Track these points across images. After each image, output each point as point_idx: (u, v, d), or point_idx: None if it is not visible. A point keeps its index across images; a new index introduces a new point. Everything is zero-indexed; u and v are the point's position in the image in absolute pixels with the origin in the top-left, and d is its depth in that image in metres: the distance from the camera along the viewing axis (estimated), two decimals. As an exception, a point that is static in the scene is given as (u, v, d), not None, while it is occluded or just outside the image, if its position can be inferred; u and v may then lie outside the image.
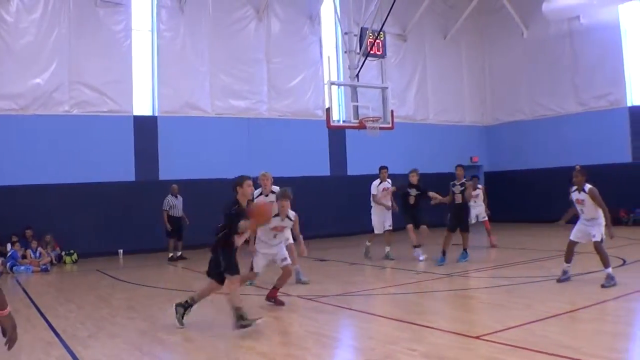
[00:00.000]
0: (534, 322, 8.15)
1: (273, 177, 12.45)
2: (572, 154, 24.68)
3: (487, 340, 7.30)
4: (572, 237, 11.34)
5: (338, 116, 21.93)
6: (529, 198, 26.16)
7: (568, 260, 11.30)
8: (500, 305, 9.79)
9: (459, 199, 14.78)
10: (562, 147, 25.87)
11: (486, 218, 18.25)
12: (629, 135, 24.07)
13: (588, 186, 11.11)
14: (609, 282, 10.57)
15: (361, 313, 9.49)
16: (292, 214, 10.31)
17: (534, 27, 27.22)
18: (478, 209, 18.09)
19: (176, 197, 18.03)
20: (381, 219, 15.83)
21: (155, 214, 18.15)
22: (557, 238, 18.63)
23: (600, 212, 10.92)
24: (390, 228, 15.84)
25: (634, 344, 7.53)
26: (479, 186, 18.68)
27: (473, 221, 17.47)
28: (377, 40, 19.96)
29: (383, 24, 19.79)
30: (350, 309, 9.73)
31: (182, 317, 8.70)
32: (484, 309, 9.70)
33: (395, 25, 25.61)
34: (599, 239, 10.88)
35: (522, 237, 20.47)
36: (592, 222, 11.09)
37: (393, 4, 18.93)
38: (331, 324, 8.98)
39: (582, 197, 11.09)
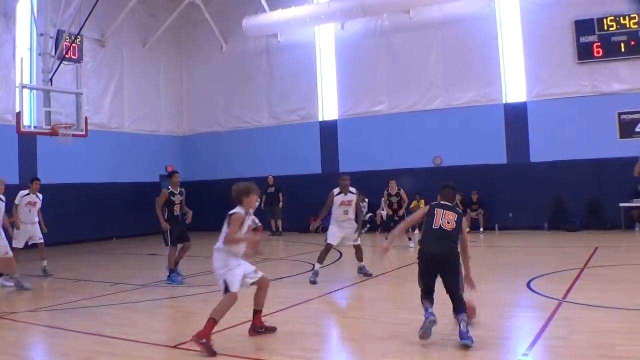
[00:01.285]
0: (230, 327, 8.39)
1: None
2: (265, 165, 25.91)
3: (185, 349, 7.43)
4: (332, 241, 12.66)
5: (29, 121, 20.81)
6: (224, 208, 26.72)
7: (321, 261, 12.46)
8: (197, 313, 9.95)
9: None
10: (255, 158, 27.02)
11: None
12: (319, 147, 25.77)
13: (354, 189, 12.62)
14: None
15: (54, 329, 9.14)
16: None
17: (233, 42, 28.13)
18: None
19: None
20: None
21: None
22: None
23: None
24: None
25: (325, 342, 8.15)
26: None
27: None
28: (73, 44, 19.34)
29: (81, 28, 19.19)
30: (42, 325, 9.37)
31: None
32: (181, 318, 9.83)
33: (94, 29, 24.95)
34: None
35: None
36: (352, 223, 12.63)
37: (93, 8, 18.46)
38: (21, 342, 8.56)
39: (350, 198, 12.66)
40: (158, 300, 11.33)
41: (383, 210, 23.17)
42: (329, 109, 26.32)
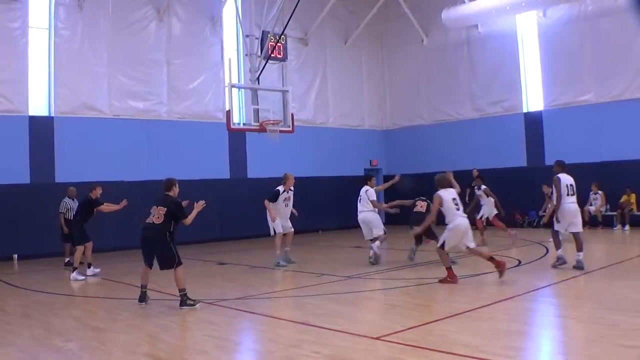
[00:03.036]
0: (432, 322, 8.38)
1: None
2: (469, 158, 25.42)
3: (388, 341, 7.42)
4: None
5: (238, 119, 21.86)
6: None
7: (559, 246, 13.02)
8: (399, 306, 9.98)
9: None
10: (459, 152, 26.59)
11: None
12: (524, 140, 24.89)
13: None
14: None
15: (262, 316, 9.54)
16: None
17: (434, 34, 27.93)
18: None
19: (73, 200, 17.46)
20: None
21: (52, 218, 17.54)
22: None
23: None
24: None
25: (529, 341, 7.81)
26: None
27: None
28: (278, 44, 19.99)
29: (284, 28, 19.83)
30: (251, 312, 9.74)
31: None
32: (384, 310, 9.87)
33: (297, 29, 25.75)
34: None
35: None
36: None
37: (295, 8, 19.02)
38: (231, 328, 8.98)
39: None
40: (362, 292, 11.47)
41: (591, 205, 22.18)
42: (533, 99, 25.43)
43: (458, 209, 11.70)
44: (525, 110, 25.31)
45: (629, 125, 21.91)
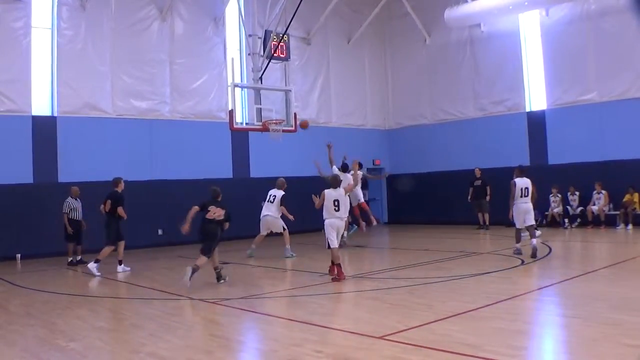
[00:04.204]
0: (435, 321, 8.36)
1: (175, 180, 12.65)
2: (472, 157, 25.39)
3: (391, 341, 7.42)
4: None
5: (241, 118, 21.84)
6: (429, 200, 26.69)
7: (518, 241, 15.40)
8: (402, 305, 9.97)
9: None
10: (462, 151, 26.54)
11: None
12: (526, 139, 24.82)
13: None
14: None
15: (265, 315, 9.55)
16: None
17: (436, 33, 27.85)
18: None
19: (76, 199, 17.49)
20: None
21: (55, 217, 17.51)
22: (456, 240, 19.12)
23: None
24: None
25: (532, 340, 7.81)
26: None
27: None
28: (281, 43, 19.96)
29: (287, 27, 19.81)
30: (254, 311, 9.75)
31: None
32: (387, 309, 9.84)
33: (300, 28, 25.70)
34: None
35: (422, 239, 20.87)
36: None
37: (298, 7, 19.02)
38: (235, 327, 9.00)
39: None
40: (364, 292, 11.47)
41: (594, 204, 22.15)
42: (536, 99, 25.36)
43: (337, 211, 13.09)
44: (528, 110, 25.22)
45: (632, 125, 21.79)
